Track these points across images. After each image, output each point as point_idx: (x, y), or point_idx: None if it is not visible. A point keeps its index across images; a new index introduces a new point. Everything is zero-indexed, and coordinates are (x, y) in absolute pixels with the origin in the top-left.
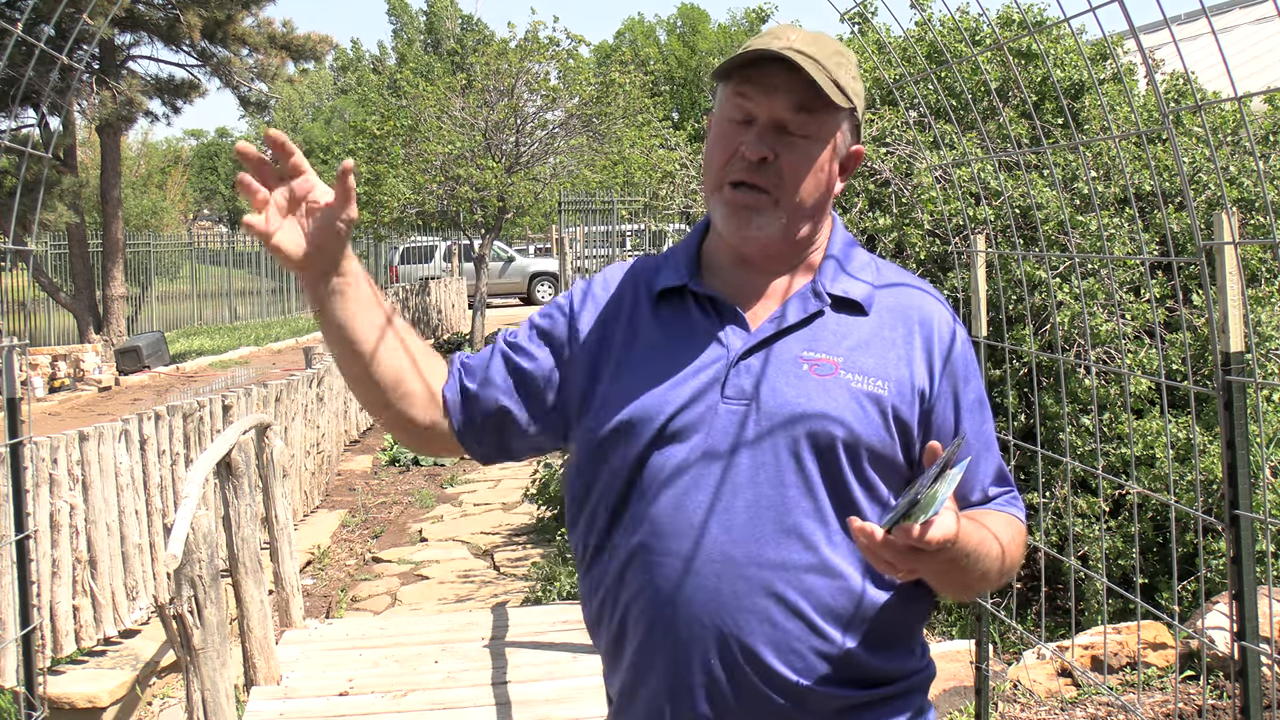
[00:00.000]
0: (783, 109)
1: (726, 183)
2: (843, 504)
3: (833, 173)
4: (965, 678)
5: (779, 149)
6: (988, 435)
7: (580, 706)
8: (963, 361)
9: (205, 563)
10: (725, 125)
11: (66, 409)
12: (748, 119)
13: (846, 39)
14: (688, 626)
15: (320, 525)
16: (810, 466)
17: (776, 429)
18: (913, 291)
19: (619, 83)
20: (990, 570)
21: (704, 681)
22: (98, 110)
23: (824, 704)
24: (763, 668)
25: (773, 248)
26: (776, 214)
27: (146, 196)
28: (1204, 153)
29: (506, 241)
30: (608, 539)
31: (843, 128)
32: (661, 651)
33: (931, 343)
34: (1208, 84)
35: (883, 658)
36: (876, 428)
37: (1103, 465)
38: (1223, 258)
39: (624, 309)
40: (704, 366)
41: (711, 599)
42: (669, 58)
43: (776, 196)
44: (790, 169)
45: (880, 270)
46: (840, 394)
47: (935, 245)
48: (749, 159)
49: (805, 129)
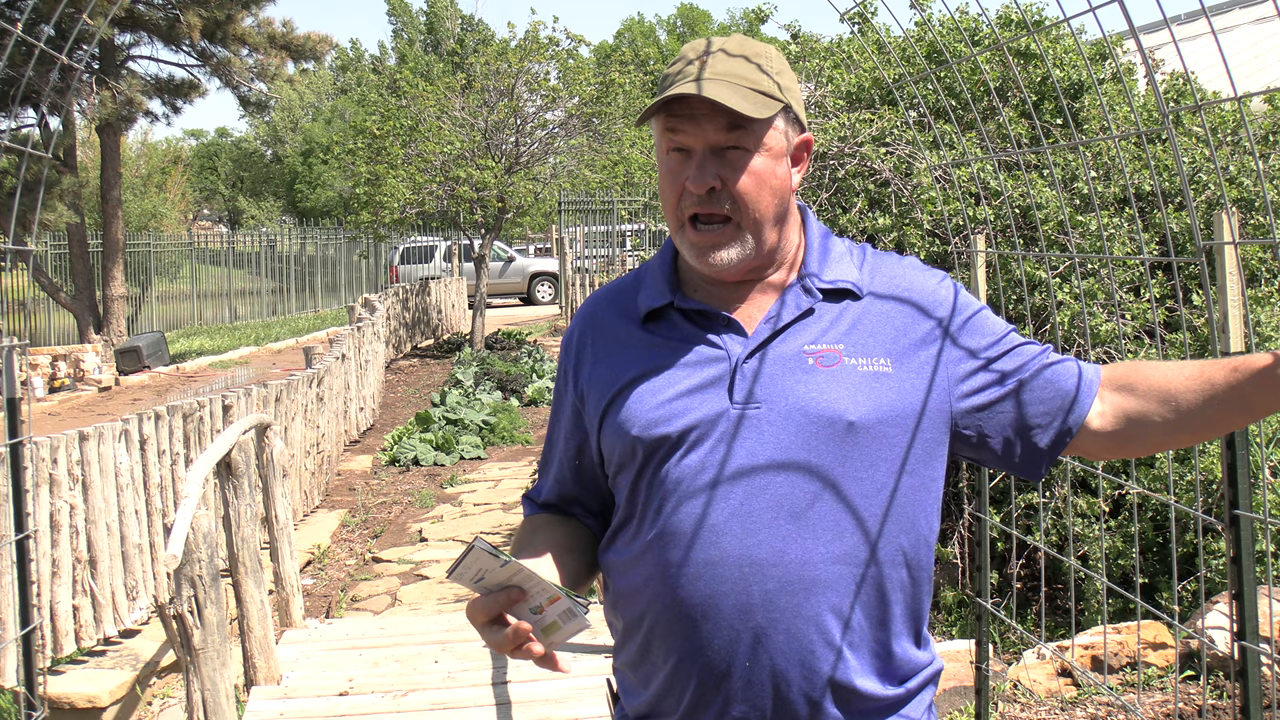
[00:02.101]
0: (715, 134)
1: (686, 222)
2: (863, 489)
3: (784, 174)
4: (965, 678)
5: (723, 173)
6: (1038, 353)
7: (580, 706)
8: (967, 311)
9: (205, 563)
10: (667, 160)
11: (66, 409)
12: (685, 150)
13: (846, 39)
14: (719, 633)
15: (320, 525)
16: (828, 458)
17: (790, 426)
18: (899, 267)
19: (619, 83)
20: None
21: (741, 686)
22: (98, 110)
23: (861, 702)
24: (800, 666)
25: (747, 265)
26: (740, 238)
27: (146, 197)
28: (1204, 152)
29: (506, 241)
30: (629, 553)
31: (778, 126)
32: (695, 661)
33: (935, 310)
34: (1208, 84)
35: (906, 647)
36: (889, 407)
37: (1103, 465)
38: (1223, 258)
39: (607, 343)
40: (708, 375)
41: (740, 603)
42: (668, 58)
43: (737, 220)
44: (741, 189)
45: (863, 254)
46: (849, 381)
47: (935, 245)
48: (697, 193)
49: (743, 143)
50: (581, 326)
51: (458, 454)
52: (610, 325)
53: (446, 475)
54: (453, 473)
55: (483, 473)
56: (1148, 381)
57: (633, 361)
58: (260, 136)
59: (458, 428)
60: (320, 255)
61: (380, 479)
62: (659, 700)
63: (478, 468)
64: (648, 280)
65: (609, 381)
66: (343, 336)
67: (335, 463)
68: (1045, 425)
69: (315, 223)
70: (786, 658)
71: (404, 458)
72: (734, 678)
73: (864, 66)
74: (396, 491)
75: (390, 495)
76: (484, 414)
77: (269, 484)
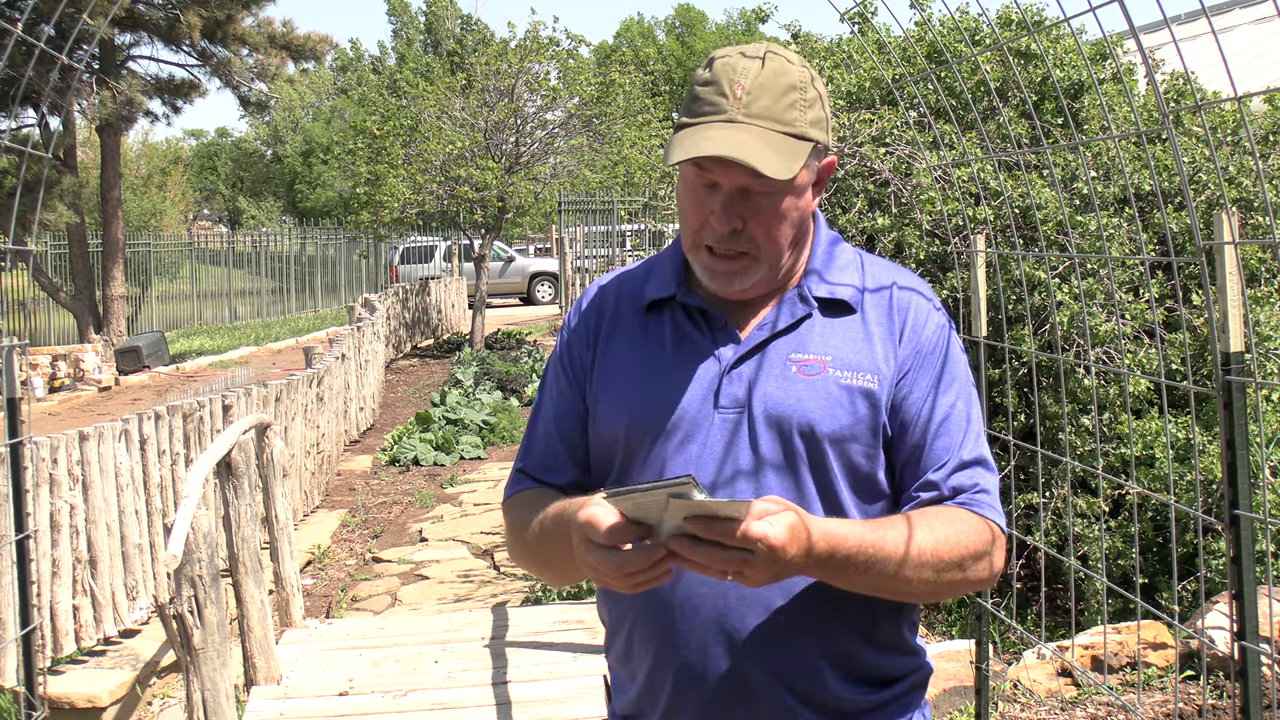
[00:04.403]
0: (742, 177)
1: (703, 246)
2: (833, 504)
3: (805, 203)
4: (965, 678)
5: (746, 214)
6: (946, 417)
7: (580, 706)
8: (932, 344)
9: (205, 563)
10: (692, 184)
11: (66, 409)
12: (711, 185)
13: (846, 39)
14: (695, 634)
15: (320, 525)
16: (803, 467)
17: (769, 432)
18: (896, 279)
19: (619, 83)
20: (892, 572)
21: (717, 687)
22: (98, 110)
23: (834, 704)
24: (777, 671)
25: (759, 290)
26: (757, 268)
27: (146, 197)
28: (1204, 153)
29: (506, 241)
30: None
31: (807, 165)
32: (673, 660)
33: (905, 324)
34: (1208, 84)
35: (887, 655)
36: (867, 421)
37: (1102, 465)
38: (1222, 258)
39: (612, 324)
40: (697, 377)
41: (718, 605)
42: (667, 58)
43: (755, 255)
44: (762, 230)
45: (865, 267)
46: (829, 392)
47: (935, 245)
48: (720, 231)
49: (769, 188)
50: (604, 299)
51: (458, 454)
52: (613, 310)
53: (446, 475)
54: (453, 473)
55: (483, 472)
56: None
57: (629, 354)
58: (260, 136)
59: (458, 428)
60: (320, 255)
61: (380, 479)
62: (640, 698)
63: (478, 468)
64: (657, 271)
65: (605, 369)
66: (343, 336)
67: (335, 463)
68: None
69: (315, 223)
70: (763, 661)
71: (404, 458)
72: (710, 679)
73: (864, 66)
74: (396, 491)
75: (390, 495)
76: (484, 414)
77: (269, 484)
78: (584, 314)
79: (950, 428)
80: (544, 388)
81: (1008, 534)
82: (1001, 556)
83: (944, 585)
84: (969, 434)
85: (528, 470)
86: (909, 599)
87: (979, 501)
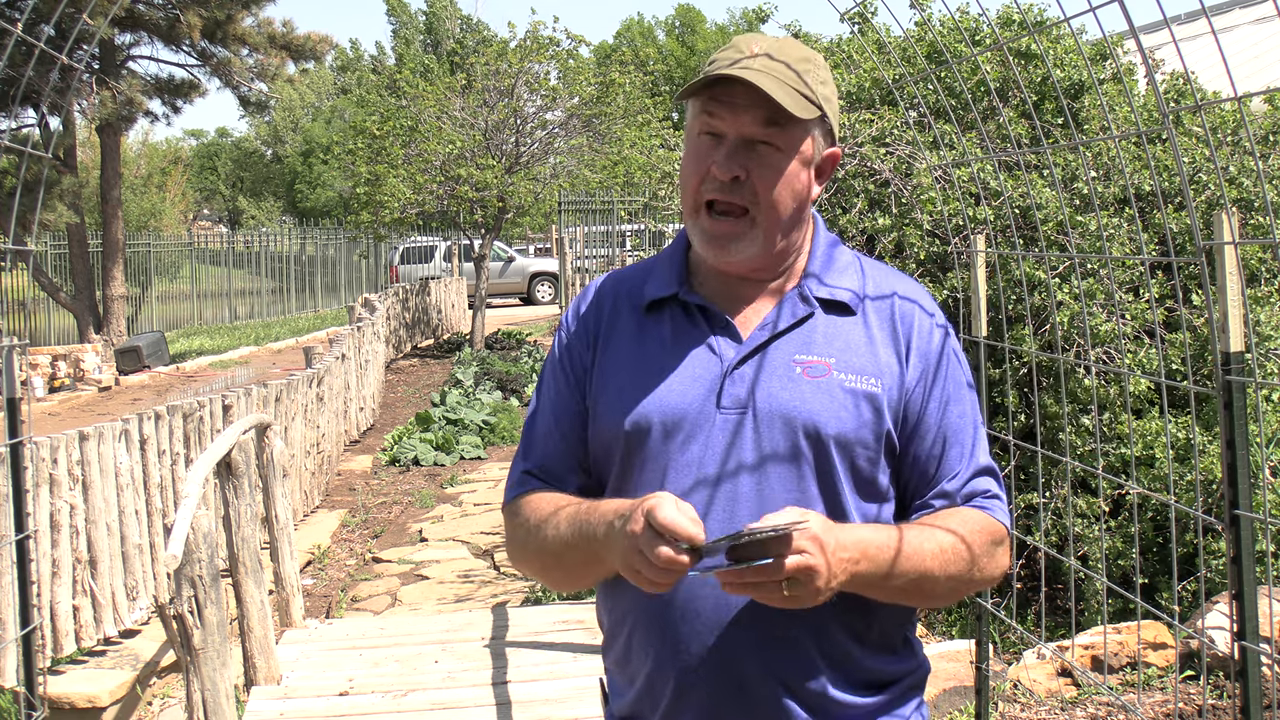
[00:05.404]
0: (750, 125)
1: (703, 206)
2: (835, 506)
3: (807, 181)
4: (965, 678)
5: (750, 165)
6: (957, 427)
7: (580, 706)
8: (938, 355)
9: (205, 563)
10: (696, 142)
11: (66, 409)
12: (717, 135)
13: (846, 39)
14: (697, 636)
15: (320, 525)
16: (806, 468)
17: (773, 434)
18: (896, 287)
19: (619, 83)
20: (927, 574)
21: (717, 690)
22: (98, 110)
23: (833, 707)
24: (776, 673)
25: (754, 263)
26: (754, 234)
27: (146, 197)
28: (1204, 153)
29: (506, 241)
30: None
31: (813, 135)
32: (674, 662)
33: (910, 336)
34: (1208, 84)
35: (884, 658)
36: (871, 425)
37: (1102, 465)
38: (1222, 258)
39: (610, 324)
40: (699, 377)
41: (719, 607)
42: (667, 58)
43: (753, 215)
44: (763, 185)
45: (865, 269)
46: (834, 394)
47: (935, 245)
48: (721, 179)
49: (775, 141)
50: (602, 299)
51: (458, 454)
52: (614, 309)
53: (446, 475)
54: (453, 473)
55: (483, 473)
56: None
57: (629, 354)
58: (260, 136)
59: (458, 428)
60: (320, 255)
61: (380, 479)
62: (640, 700)
63: (478, 468)
64: (657, 270)
65: (604, 369)
66: (343, 336)
67: (335, 463)
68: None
69: (315, 223)
70: (762, 664)
71: (404, 458)
72: (711, 681)
73: (864, 66)
74: (396, 491)
75: (390, 495)
76: (484, 414)
77: (269, 484)
78: (582, 315)
79: (961, 437)
80: (541, 388)
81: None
82: (1007, 556)
83: (964, 583)
84: (978, 442)
85: (533, 471)
86: (931, 601)
87: (992, 506)
